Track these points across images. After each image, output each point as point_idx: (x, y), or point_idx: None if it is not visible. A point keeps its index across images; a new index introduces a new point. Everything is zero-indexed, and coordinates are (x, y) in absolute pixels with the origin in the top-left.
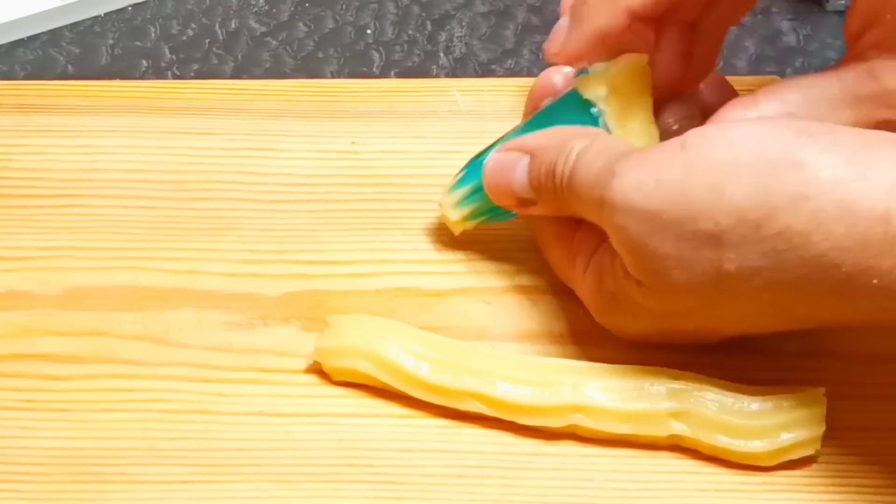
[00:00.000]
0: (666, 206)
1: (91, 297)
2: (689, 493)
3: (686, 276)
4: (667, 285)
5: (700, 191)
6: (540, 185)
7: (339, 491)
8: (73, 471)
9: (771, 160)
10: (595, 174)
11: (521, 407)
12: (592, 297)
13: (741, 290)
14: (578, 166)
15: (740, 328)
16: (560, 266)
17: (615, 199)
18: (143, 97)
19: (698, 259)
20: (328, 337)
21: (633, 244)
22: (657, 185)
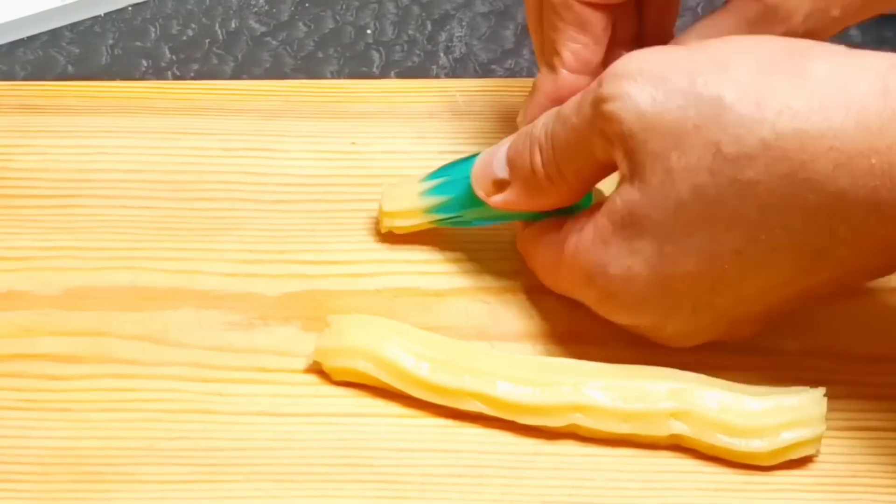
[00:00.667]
0: (672, 73)
1: (91, 297)
2: (689, 493)
3: (683, 160)
4: (663, 174)
5: (706, 64)
6: (516, 153)
7: (339, 491)
8: (73, 471)
9: (772, 49)
10: (579, 99)
11: (521, 406)
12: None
13: (735, 189)
14: (561, 112)
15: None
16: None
17: (618, 69)
18: (143, 97)
19: (697, 140)
20: (328, 337)
21: (637, 117)
22: (663, 58)
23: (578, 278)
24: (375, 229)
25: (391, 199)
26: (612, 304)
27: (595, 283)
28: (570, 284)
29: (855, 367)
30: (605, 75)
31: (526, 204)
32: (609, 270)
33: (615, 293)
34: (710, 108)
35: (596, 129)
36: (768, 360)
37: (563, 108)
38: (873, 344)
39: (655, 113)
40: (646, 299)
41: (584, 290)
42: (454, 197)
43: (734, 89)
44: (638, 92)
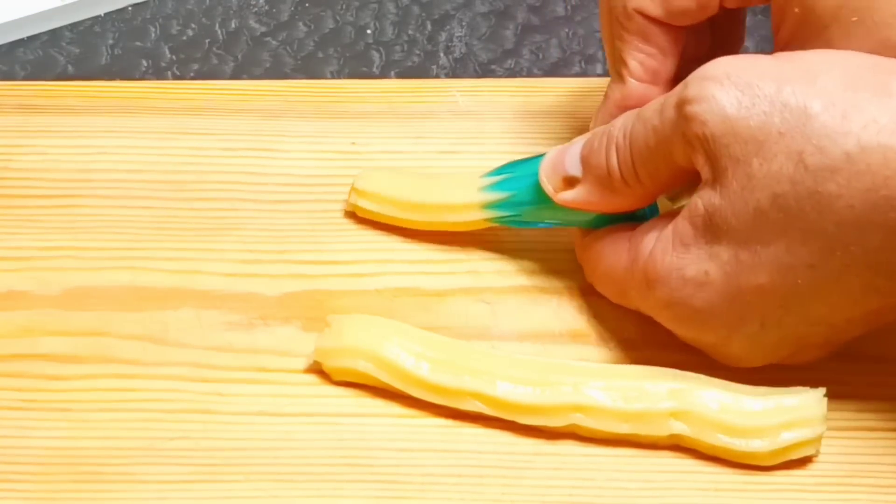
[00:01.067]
0: (760, 80)
1: (91, 297)
2: (689, 493)
3: (765, 167)
4: (744, 178)
5: (795, 73)
6: (590, 151)
7: (339, 490)
8: (73, 471)
9: (858, 64)
10: (662, 101)
11: (521, 406)
12: (662, 265)
13: (814, 202)
14: (641, 113)
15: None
16: (609, 275)
17: (706, 72)
18: (143, 97)
19: (780, 148)
20: (328, 337)
21: (721, 119)
22: (751, 64)
23: (650, 282)
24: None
25: (365, 179)
26: (681, 310)
27: (668, 287)
28: (637, 290)
29: (855, 367)
30: (691, 78)
31: (596, 203)
32: (685, 274)
33: (686, 299)
34: (795, 117)
35: (678, 132)
36: None
37: (645, 110)
38: (874, 344)
39: (740, 117)
40: (716, 309)
41: (653, 295)
42: (516, 193)
43: (821, 100)
44: (724, 95)
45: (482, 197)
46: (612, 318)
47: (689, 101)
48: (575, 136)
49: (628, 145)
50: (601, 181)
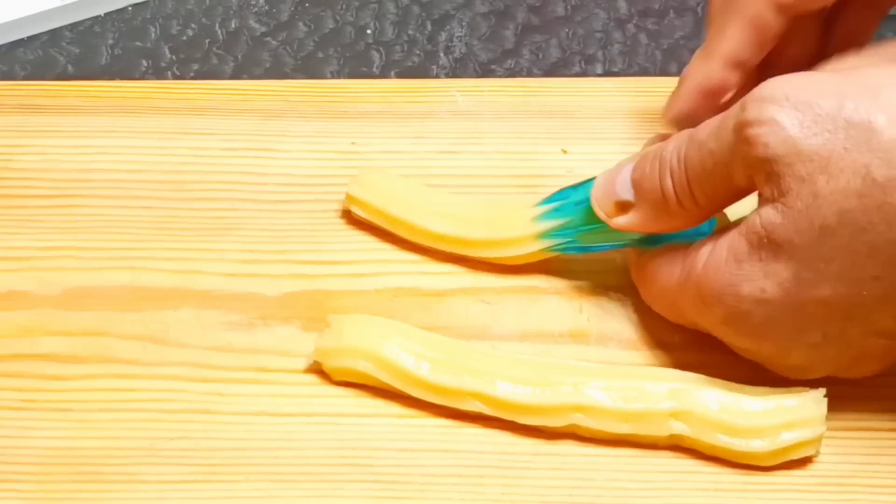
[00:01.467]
0: (820, 98)
1: (91, 297)
2: (689, 493)
3: (831, 184)
4: (809, 197)
5: (856, 90)
6: (642, 176)
7: (339, 491)
8: (73, 471)
9: None
10: (722, 116)
11: (521, 406)
12: (718, 281)
13: (883, 213)
14: (697, 129)
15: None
16: (665, 294)
17: (764, 93)
18: (143, 97)
19: (846, 164)
20: (328, 337)
21: (783, 141)
22: (810, 83)
23: (704, 299)
24: (378, 230)
25: (358, 184)
26: (739, 325)
27: (723, 304)
28: (692, 307)
29: None
30: (749, 100)
31: (651, 226)
32: (741, 291)
33: (744, 315)
34: (860, 133)
35: (737, 155)
36: None
37: (698, 133)
38: None
39: (803, 137)
40: (775, 323)
41: (709, 312)
42: (570, 220)
43: (885, 114)
44: (784, 117)
45: (537, 227)
46: (612, 318)
47: (749, 124)
48: (576, 135)
49: (683, 169)
50: (656, 205)
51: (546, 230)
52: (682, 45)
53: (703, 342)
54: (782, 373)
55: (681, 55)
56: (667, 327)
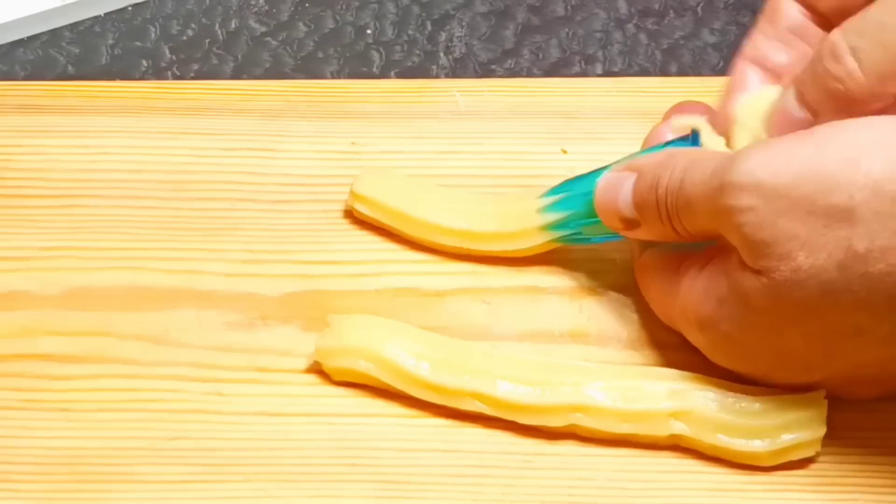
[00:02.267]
0: (797, 181)
1: (91, 297)
2: (689, 493)
3: (811, 259)
4: (789, 273)
5: (834, 164)
6: (643, 202)
7: (340, 490)
8: (73, 471)
9: None
10: (711, 171)
11: (521, 406)
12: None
13: (864, 280)
14: (690, 171)
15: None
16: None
17: (741, 179)
18: (143, 97)
19: (827, 240)
20: (328, 337)
21: (760, 226)
22: (787, 162)
23: (689, 322)
24: (378, 230)
25: (363, 183)
26: (723, 356)
27: (704, 334)
28: (682, 323)
29: None
30: (728, 183)
31: (659, 239)
32: (721, 328)
33: (728, 348)
34: (841, 213)
35: (721, 225)
36: None
37: (692, 168)
38: None
39: (782, 223)
40: (756, 356)
41: (694, 335)
42: (575, 212)
43: (865, 191)
44: (763, 205)
45: (541, 219)
46: (612, 318)
47: (729, 211)
48: (576, 135)
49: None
50: (656, 227)
51: (551, 222)
52: (682, 45)
53: None
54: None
55: (681, 55)
56: (667, 327)
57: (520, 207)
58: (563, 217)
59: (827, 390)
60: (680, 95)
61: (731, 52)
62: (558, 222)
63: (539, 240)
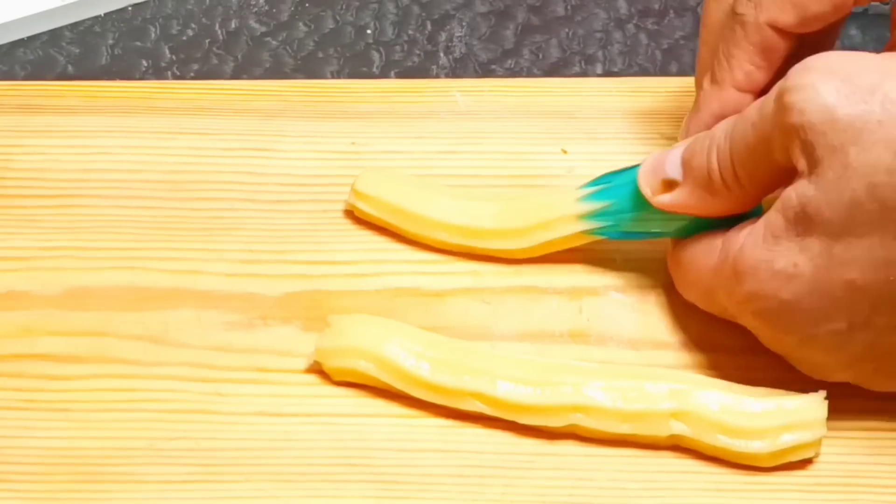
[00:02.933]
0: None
1: (91, 297)
2: (689, 493)
3: (862, 157)
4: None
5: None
6: (692, 154)
7: (339, 491)
8: (73, 471)
9: None
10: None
11: (521, 406)
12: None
13: None
14: (744, 112)
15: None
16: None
17: (801, 76)
18: (143, 97)
19: (878, 136)
20: (328, 337)
21: (816, 116)
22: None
23: (738, 275)
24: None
25: (365, 181)
26: (766, 303)
27: (755, 279)
28: (724, 288)
29: None
30: (793, 69)
31: (694, 206)
32: (774, 266)
33: (774, 291)
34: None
35: (777, 123)
36: (769, 360)
37: (747, 109)
38: None
39: (838, 106)
40: (802, 302)
41: (740, 290)
42: (613, 203)
43: None
44: (824, 85)
45: (579, 208)
46: (612, 318)
47: (788, 91)
48: (576, 135)
49: (728, 146)
50: (701, 183)
51: (589, 211)
52: (682, 45)
53: (703, 342)
54: (804, 369)
55: (681, 55)
56: (667, 327)
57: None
58: (602, 206)
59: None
60: (680, 95)
61: None
62: (597, 211)
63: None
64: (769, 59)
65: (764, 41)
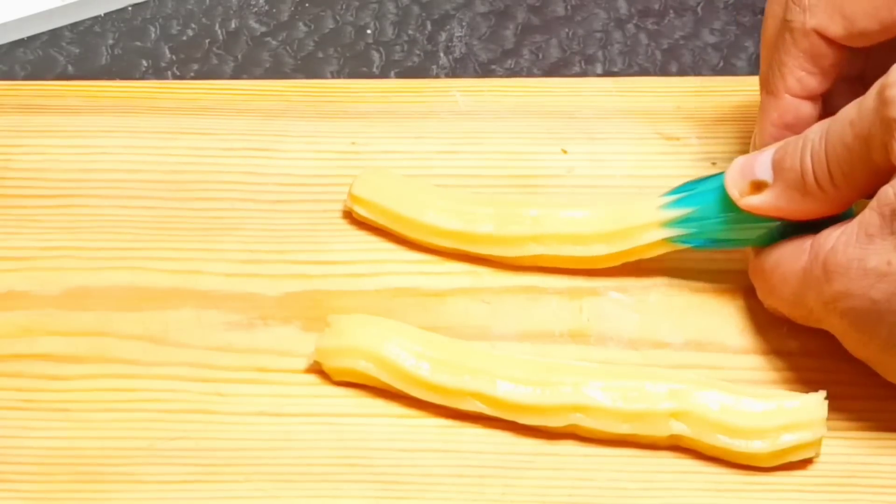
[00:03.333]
0: None
1: (91, 297)
2: (689, 493)
3: None
4: None
5: None
6: (784, 155)
7: (339, 491)
8: (73, 471)
9: None
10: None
11: (521, 406)
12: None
13: None
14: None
15: None
16: (785, 280)
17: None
18: (143, 97)
19: None
20: (328, 337)
21: None
22: None
23: (828, 275)
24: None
25: (362, 184)
26: (856, 303)
27: (846, 278)
28: (813, 289)
29: (855, 368)
30: (894, 67)
31: (783, 209)
32: (867, 264)
33: (864, 290)
34: None
35: (877, 120)
36: (768, 360)
37: (844, 109)
38: None
39: None
40: (892, 302)
41: (829, 289)
42: (697, 209)
43: None
44: None
45: (662, 215)
46: (612, 318)
47: (890, 86)
48: (576, 135)
49: (824, 146)
50: (793, 184)
51: (672, 218)
52: (682, 45)
53: (703, 342)
54: (889, 376)
55: (681, 55)
56: (667, 327)
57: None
58: (685, 213)
59: None
60: (680, 95)
61: (731, 52)
62: (680, 218)
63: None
64: (819, 65)
65: (812, 47)
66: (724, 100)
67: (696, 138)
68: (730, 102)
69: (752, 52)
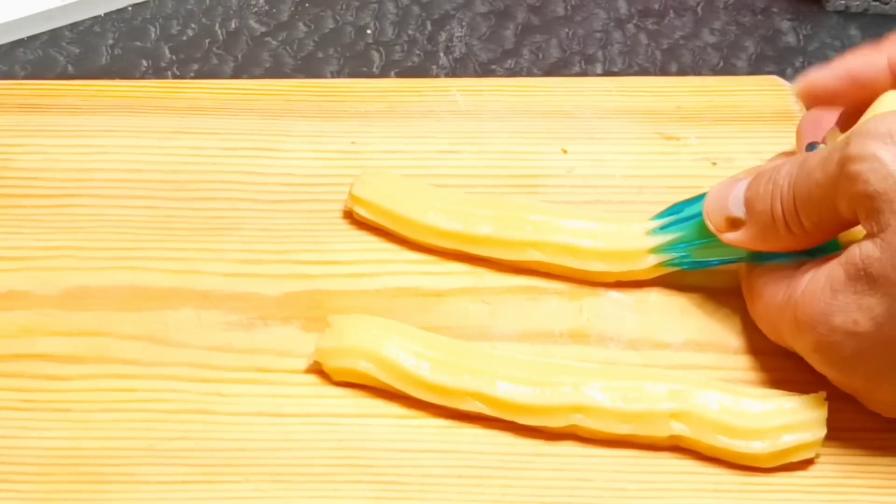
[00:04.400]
0: None
1: (91, 297)
2: (689, 493)
3: None
4: None
5: None
6: (754, 196)
7: (339, 491)
8: (73, 471)
9: None
10: (826, 155)
11: (521, 407)
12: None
13: None
14: (810, 157)
15: None
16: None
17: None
18: (143, 97)
19: None
20: (328, 337)
21: (881, 185)
22: None
23: (799, 324)
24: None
25: (362, 185)
26: (830, 355)
27: (815, 331)
28: (788, 329)
29: None
30: (853, 134)
31: (760, 246)
32: (833, 321)
33: (835, 345)
34: None
35: (840, 188)
36: (768, 360)
37: (809, 160)
38: None
39: None
40: (865, 356)
41: (802, 338)
42: (683, 235)
43: None
44: (886, 153)
45: (652, 241)
46: (612, 318)
47: (851, 160)
48: (576, 135)
49: (792, 195)
50: (765, 226)
51: (660, 245)
52: (682, 45)
53: (703, 342)
54: (874, 408)
55: (681, 55)
56: (667, 327)
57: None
58: (672, 239)
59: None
60: (680, 95)
61: (731, 52)
62: (667, 245)
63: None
64: None
65: None
66: (724, 100)
67: (695, 138)
68: (730, 102)
69: (751, 51)
